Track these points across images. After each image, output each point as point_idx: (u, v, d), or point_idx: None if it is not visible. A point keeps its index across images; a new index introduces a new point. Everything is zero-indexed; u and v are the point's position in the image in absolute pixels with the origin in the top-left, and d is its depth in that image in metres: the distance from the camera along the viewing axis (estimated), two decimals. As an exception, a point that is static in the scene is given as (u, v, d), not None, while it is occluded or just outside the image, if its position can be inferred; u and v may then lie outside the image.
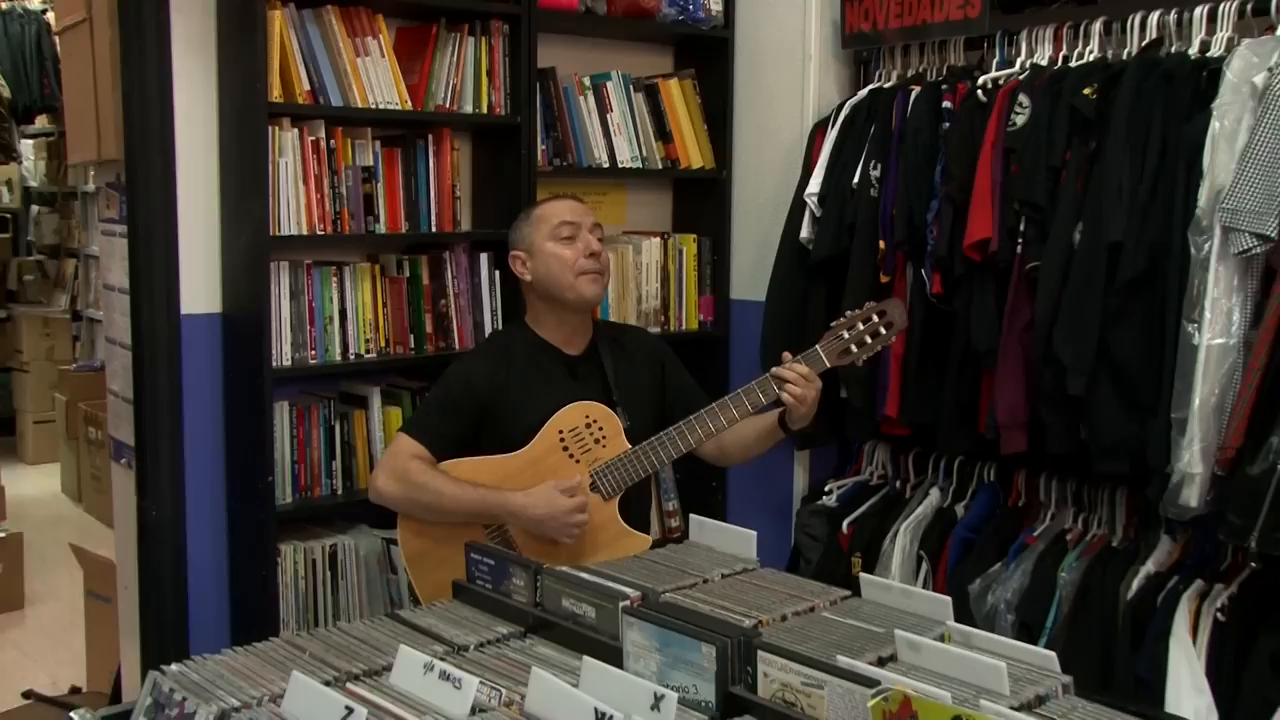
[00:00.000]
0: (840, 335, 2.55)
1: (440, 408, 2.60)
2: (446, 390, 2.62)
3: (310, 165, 2.97)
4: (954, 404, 2.90)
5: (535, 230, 2.67)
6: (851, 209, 3.09)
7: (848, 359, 2.55)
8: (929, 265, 2.90)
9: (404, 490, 2.54)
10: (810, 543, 3.28)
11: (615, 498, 2.57)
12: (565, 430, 2.56)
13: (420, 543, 2.60)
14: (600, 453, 2.57)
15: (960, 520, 3.00)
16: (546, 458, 2.55)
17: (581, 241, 2.62)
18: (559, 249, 2.62)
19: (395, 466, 2.55)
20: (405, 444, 2.57)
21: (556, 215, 2.64)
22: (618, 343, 2.76)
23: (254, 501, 2.97)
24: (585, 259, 2.61)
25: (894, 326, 2.57)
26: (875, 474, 3.31)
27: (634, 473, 2.57)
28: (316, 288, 3.02)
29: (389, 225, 3.12)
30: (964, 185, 2.82)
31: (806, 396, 2.51)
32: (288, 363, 2.96)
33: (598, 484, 2.56)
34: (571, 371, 2.67)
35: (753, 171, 3.66)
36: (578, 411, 2.58)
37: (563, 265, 2.62)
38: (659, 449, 2.56)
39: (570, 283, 2.61)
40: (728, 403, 2.54)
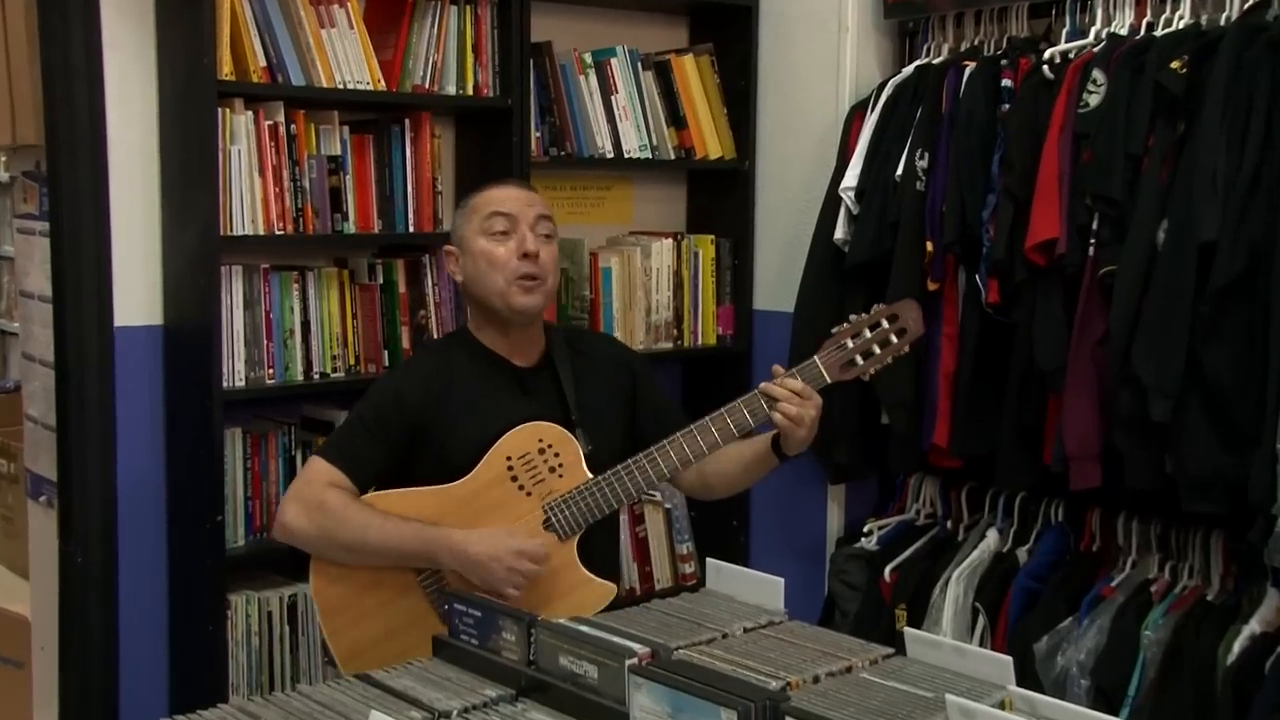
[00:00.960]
0: (843, 344, 2.49)
1: (364, 428, 2.52)
2: (372, 407, 2.54)
3: (267, 154, 2.94)
4: (1014, 431, 2.89)
5: (466, 222, 2.60)
6: (894, 205, 3.09)
7: (852, 372, 2.50)
8: (985, 270, 2.90)
9: (318, 526, 2.43)
10: (847, 592, 3.29)
11: (573, 538, 2.50)
12: (514, 457, 2.49)
13: (338, 592, 2.50)
14: (555, 484, 2.50)
15: (1023, 567, 2.99)
16: (491, 490, 2.49)
17: (516, 238, 2.54)
18: (488, 246, 2.55)
19: (307, 496, 2.45)
20: (320, 470, 2.48)
21: (488, 204, 2.57)
22: (578, 351, 2.70)
23: (200, 545, 2.95)
24: (518, 260, 2.54)
25: (908, 333, 2.50)
26: (922, 512, 3.32)
27: (595, 508, 2.50)
28: (275, 296, 3.01)
29: (359, 224, 3.11)
30: (1026, 177, 2.81)
31: (803, 417, 2.44)
32: (241, 383, 2.95)
33: (553, 521, 2.50)
34: (522, 386, 2.60)
35: (780, 162, 3.66)
36: (529, 434, 2.51)
37: (491, 266, 2.55)
38: (625, 480, 2.49)
39: (499, 288, 2.54)
40: (708, 424, 2.47)
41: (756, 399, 2.47)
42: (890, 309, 2.51)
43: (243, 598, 3.00)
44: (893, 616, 3.11)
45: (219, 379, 2.87)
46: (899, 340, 2.51)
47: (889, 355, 2.51)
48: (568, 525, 2.50)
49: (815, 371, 2.49)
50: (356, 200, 3.10)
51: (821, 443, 3.23)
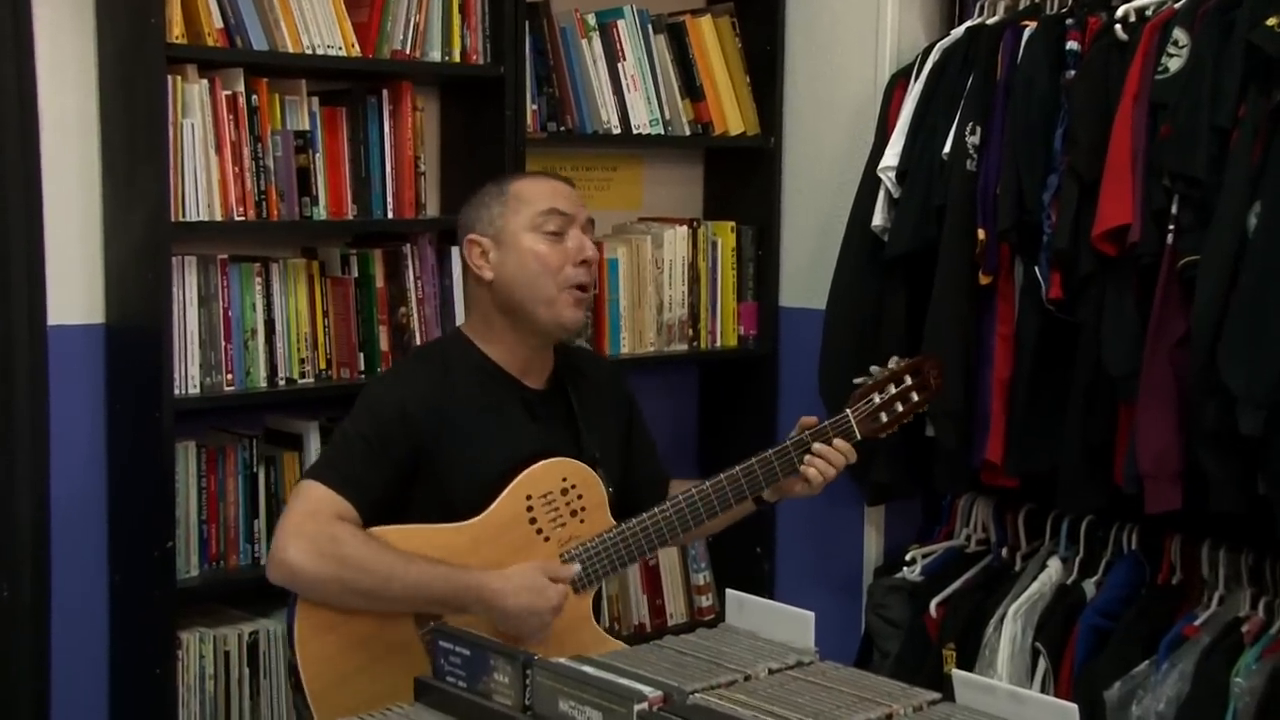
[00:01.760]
0: (870, 399, 2.63)
1: (364, 446, 2.45)
2: (372, 421, 2.47)
3: (224, 129, 2.94)
4: (1080, 446, 2.88)
5: (511, 212, 2.56)
6: (941, 187, 3.09)
7: (877, 430, 2.64)
8: (1045, 262, 2.89)
9: (333, 569, 2.36)
10: (887, 629, 3.28)
11: (590, 592, 2.54)
12: (535, 495, 2.49)
13: (324, 644, 2.42)
14: (576, 529, 2.52)
15: (1090, 602, 2.98)
16: (507, 531, 2.48)
17: (573, 241, 2.54)
18: (541, 245, 2.53)
19: (315, 533, 2.37)
20: (322, 499, 2.40)
21: (544, 198, 2.56)
22: (581, 374, 2.70)
23: (146, 575, 2.94)
24: (574, 267, 2.53)
25: (929, 390, 2.67)
26: (973, 538, 3.32)
27: (618, 560, 2.53)
28: (234, 291, 3.00)
29: (330, 209, 3.11)
30: (1094, 154, 2.80)
31: (834, 479, 2.61)
32: (195, 389, 2.95)
33: (574, 579, 2.53)
34: (531, 412, 2.58)
35: (810, 139, 3.65)
36: (552, 471, 2.51)
37: (544, 268, 2.52)
38: (651, 531, 2.53)
39: (550, 295, 2.52)
40: (738, 475, 2.57)
41: (788, 452, 2.59)
42: (912, 363, 2.66)
43: (195, 636, 2.99)
44: (939, 657, 3.09)
45: (170, 385, 2.87)
46: (919, 398, 2.66)
47: (909, 415, 2.66)
48: (586, 579, 2.52)
49: (848, 427, 2.61)
50: (327, 182, 3.10)
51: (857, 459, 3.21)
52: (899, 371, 2.63)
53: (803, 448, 2.56)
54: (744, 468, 2.56)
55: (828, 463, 2.56)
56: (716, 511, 2.55)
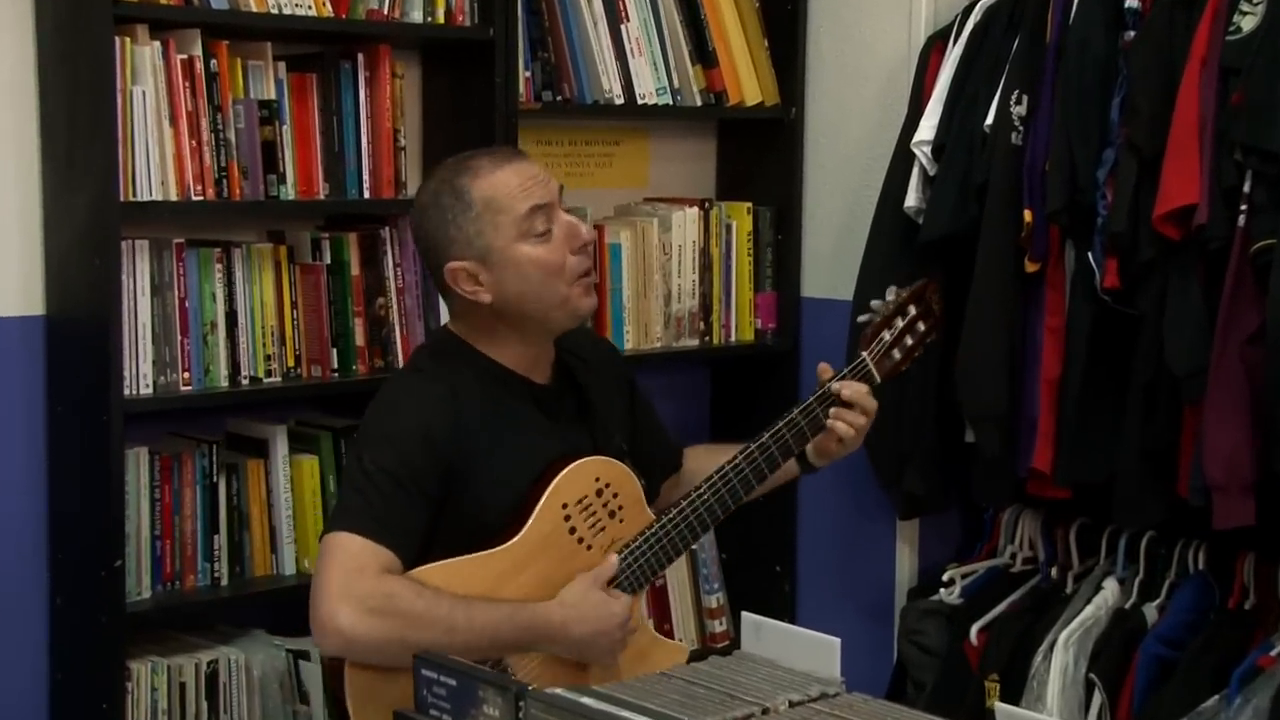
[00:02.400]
0: (881, 337, 2.65)
1: (395, 485, 2.41)
2: (397, 454, 2.43)
3: (180, 98, 2.92)
4: (1139, 454, 2.89)
5: (490, 227, 2.49)
6: (983, 163, 3.09)
7: (892, 368, 2.66)
8: (1100, 247, 2.89)
9: (392, 631, 2.33)
10: (922, 657, 3.28)
11: (640, 594, 2.56)
12: (572, 503, 2.50)
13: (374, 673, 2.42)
14: (616, 530, 2.54)
15: (1152, 629, 2.98)
16: (549, 548, 2.49)
17: (561, 229, 2.52)
18: (540, 253, 2.49)
19: (364, 593, 2.34)
20: (362, 553, 2.37)
21: (519, 198, 2.49)
22: (579, 358, 2.70)
23: (92, 598, 2.92)
24: (575, 256, 2.52)
25: (932, 316, 2.69)
26: (1019, 556, 3.31)
27: (665, 555, 2.56)
28: (191, 279, 2.99)
29: (300, 188, 3.11)
30: (1156, 125, 2.79)
31: (864, 429, 2.61)
32: (147, 389, 2.94)
33: (620, 578, 2.54)
34: (545, 411, 2.58)
35: (835, 109, 3.65)
36: (584, 473, 2.51)
37: (551, 275, 2.50)
38: (692, 518, 2.56)
39: (561, 296, 2.51)
40: (768, 442, 2.57)
41: (813, 408, 2.58)
42: (913, 291, 2.67)
43: (147, 665, 2.97)
44: (981, 689, 3.09)
45: (118, 385, 2.86)
46: (925, 326, 2.67)
47: (919, 346, 2.67)
48: (634, 580, 2.53)
49: (866, 372, 2.63)
50: (296, 157, 3.10)
51: (888, 467, 3.20)
52: (901, 302, 2.65)
53: (827, 400, 2.58)
54: (773, 433, 2.56)
55: (857, 411, 2.57)
56: (753, 485, 2.58)
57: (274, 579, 3.09)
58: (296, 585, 3.04)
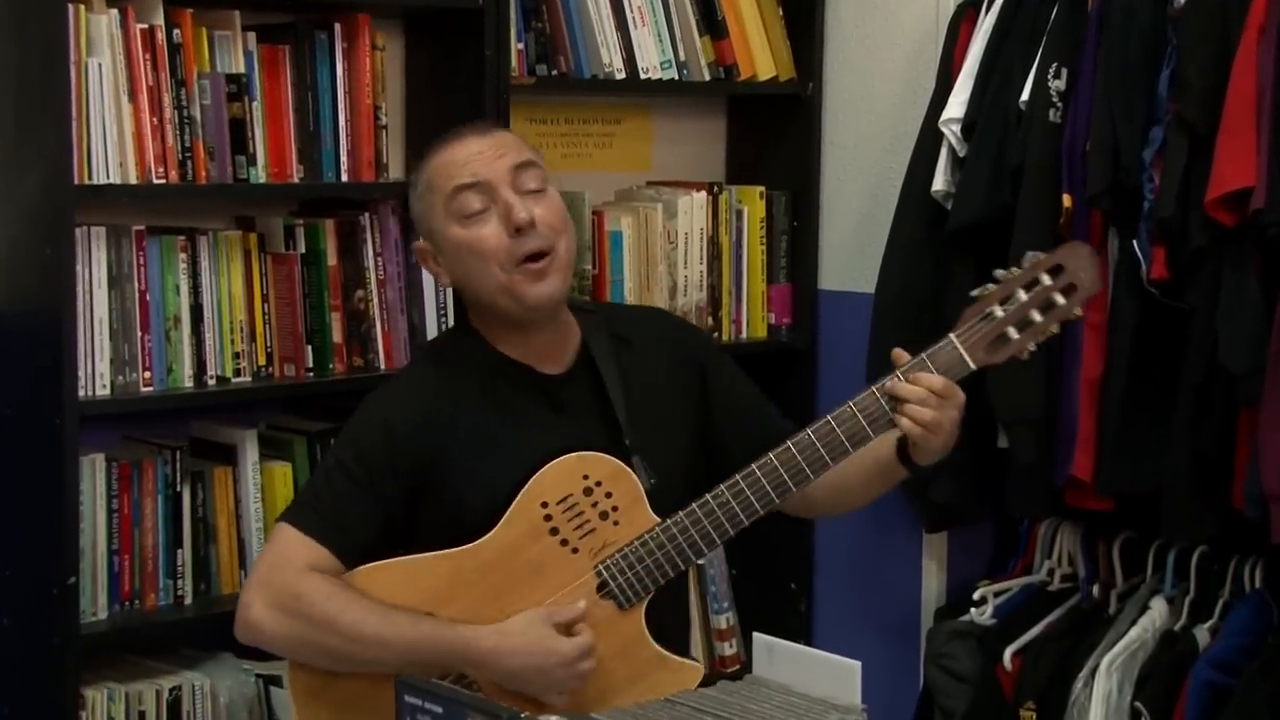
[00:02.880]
0: (989, 313, 2.46)
1: (346, 480, 2.55)
2: (355, 450, 2.57)
3: (140, 71, 2.91)
4: (1189, 461, 2.89)
5: (429, 207, 2.63)
6: (1018, 143, 3.09)
7: (1004, 351, 2.46)
8: (1147, 234, 2.89)
9: (295, 628, 2.48)
10: (950, 683, 3.27)
11: (640, 605, 2.54)
12: (553, 501, 2.53)
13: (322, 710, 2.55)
14: (610, 534, 2.53)
15: (1204, 653, 2.97)
16: (525, 548, 2.53)
17: (498, 210, 2.57)
18: (466, 233, 2.58)
19: (278, 585, 2.49)
20: (292, 547, 2.52)
21: (446, 176, 2.60)
22: (623, 341, 2.73)
23: (43, 618, 2.90)
24: (511, 239, 2.55)
25: (1080, 290, 2.46)
26: (1057, 573, 3.31)
27: (667, 563, 2.53)
28: (153, 270, 2.98)
29: (271, 171, 3.11)
30: (1208, 100, 2.79)
31: (941, 422, 2.44)
32: (104, 390, 2.93)
33: (610, 586, 2.54)
34: (553, 402, 2.64)
35: (857, 84, 3.67)
36: (569, 469, 2.54)
37: (479, 259, 2.58)
38: (705, 522, 2.52)
39: (498, 283, 2.57)
40: (810, 438, 2.49)
41: (875, 399, 2.46)
42: (1053, 258, 2.47)
43: (103, 693, 2.96)
44: (1016, 718, 3.08)
45: (72, 385, 2.85)
46: (1067, 301, 2.45)
47: (1054, 323, 2.46)
48: (631, 590, 2.53)
49: (953, 355, 2.45)
50: (267, 137, 3.10)
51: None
52: (1031, 271, 2.44)
53: (890, 394, 2.44)
54: (819, 428, 2.48)
55: (923, 405, 2.41)
56: (790, 489, 2.49)
57: (243, 598, 3.07)
58: None
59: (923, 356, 2.45)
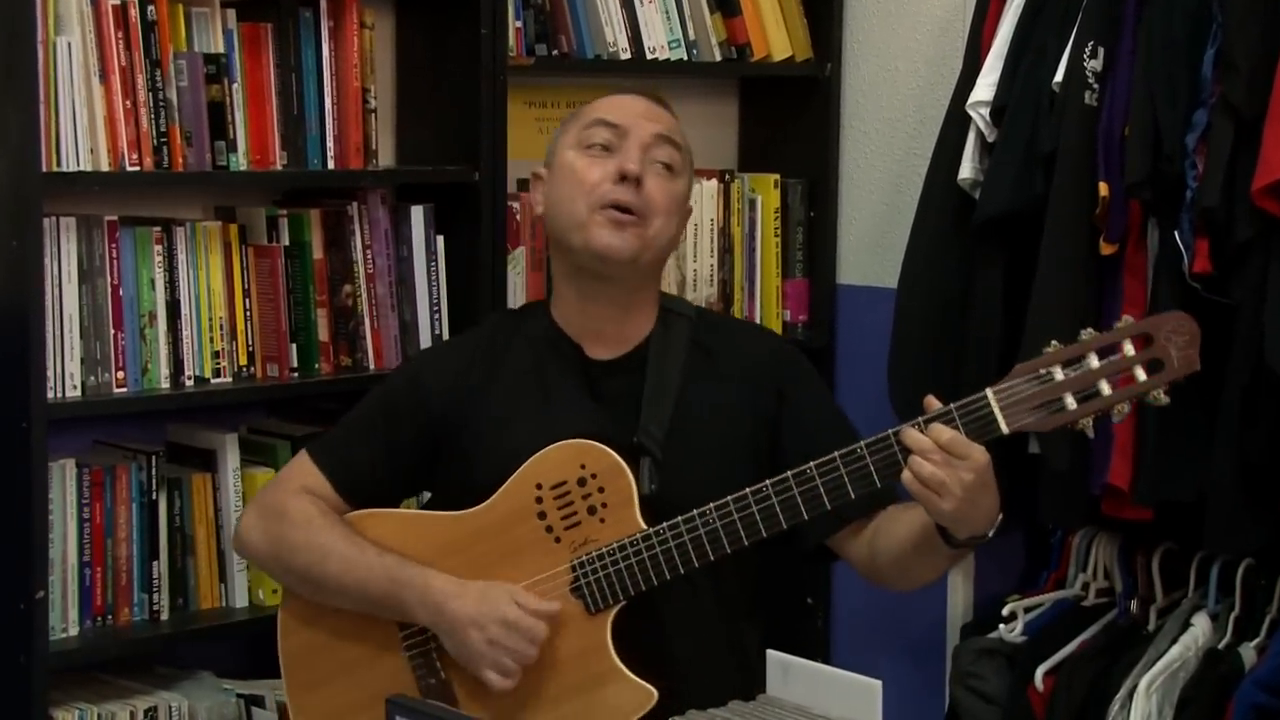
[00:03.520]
0: (1046, 374, 2.35)
1: (364, 421, 2.78)
2: (384, 392, 2.81)
3: (112, 51, 2.92)
4: (1234, 468, 2.88)
5: (563, 132, 2.80)
6: (1051, 128, 3.07)
7: (1056, 420, 2.35)
8: (1189, 225, 2.87)
9: (271, 542, 2.70)
10: (978, 704, 3.26)
11: (608, 613, 2.56)
12: (546, 485, 2.59)
13: (305, 639, 2.69)
14: (594, 530, 2.57)
15: (1250, 673, 2.96)
16: (511, 527, 2.60)
17: (618, 158, 2.67)
18: (581, 162, 2.70)
19: (270, 501, 2.74)
20: (298, 470, 2.75)
21: (595, 110, 2.76)
22: (702, 348, 2.76)
23: (9, 635, 2.90)
24: (613, 185, 2.64)
25: (1168, 369, 2.33)
26: (1092, 587, 3.30)
27: (640, 574, 2.54)
28: (126, 263, 3.00)
29: (253, 158, 3.12)
30: (1256, 82, 2.79)
31: (945, 482, 2.33)
32: (74, 391, 2.94)
33: (581, 585, 2.56)
34: (592, 387, 2.71)
35: (878, 65, 3.69)
36: (569, 454, 2.58)
37: (576, 187, 2.68)
38: (688, 540, 2.53)
39: (580, 218, 2.66)
40: (812, 475, 2.46)
41: (888, 443, 2.40)
42: (1144, 325, 2.37)
43: (74, 714, 2.97)
44: None
45: (41, 386, 2.86)
46: (1149, 378, 2.32)
47: (1124, 400, 2.33)
48: (600, 594, 2.55)
49: (985, 414, 2.36)
50: (248, 121, 3.11)
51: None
52: (1115, 335, 2.33)
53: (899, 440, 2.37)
54: (823, 464, 2.43)
55: (925, 458, 2.31)
56: (780, 524, 2.46)
57: (222, 612, 3.08)
58: (249, 620, 3.07)
59: (951, 408, 2.36)
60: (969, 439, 2.33)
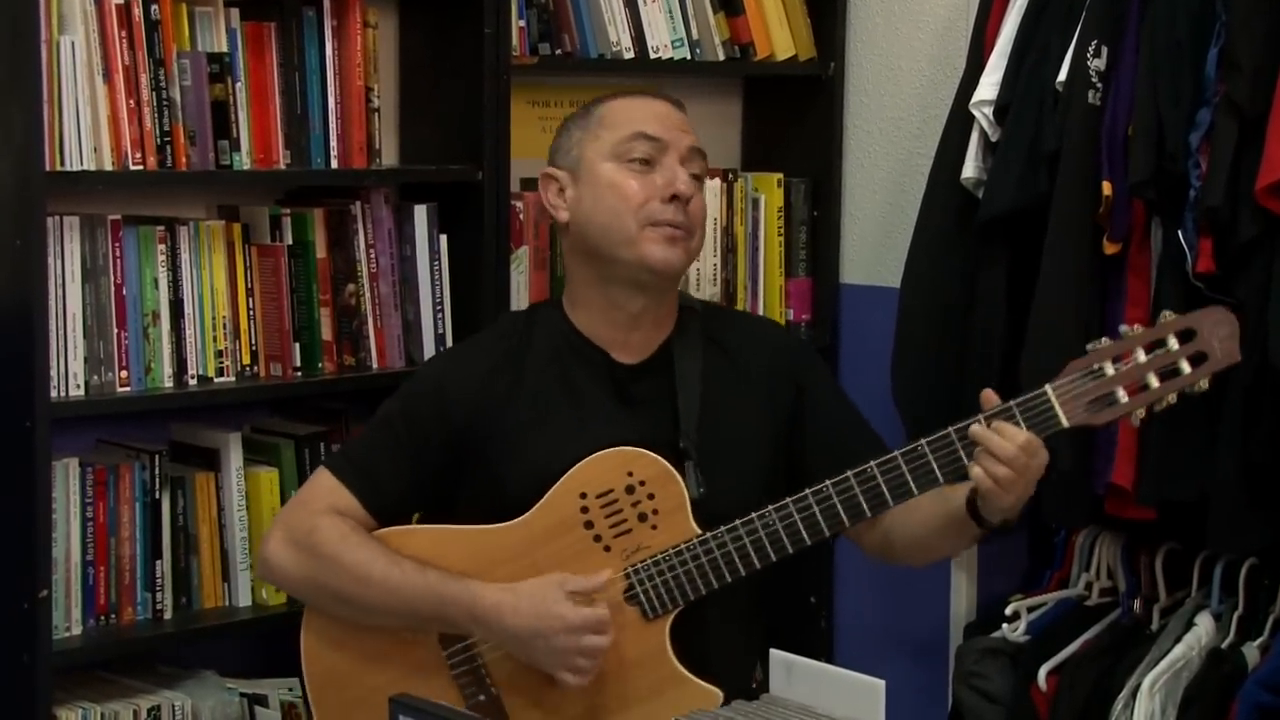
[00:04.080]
0: (1098, 370, 2.46)
1: (387, 433, 2.72)
2: (405, 403, 2.74)
3: (116, 50, 2.92)
4: (1238, 468, 2.87)
5: (591, 138, 2.73)
6: (1054, 127, 3.07)
7: (1108, 414, 2.47)
8: (1192, 224, 2.87)
9: (304, 565, 2.65)
10: (981, 704, 3.26)
11: (665, 618, 2.58)
12: (592, 494, 2.59)
13: (334, 661, 2.66)
14: (646, 538, 2.58)
15: (1254, 672, 2.95)
16: (556, 537, 2.60)
17: (663, 173, 2.68)
18: (622, 176, 2.68)
19: (296, 523, 2.67)
20: (322, 488, 2.70)
21: (630, 121, 2.71)
22: (717, 344, 2.79)
23: (12, 634, 2.90)
24: (662, 203, 2.66)
25: (1210, 360, 2.44)
26: (1096, 586, 3.30)
27: (700, 579, 2.57)
28: (130, 262, 3.00)
29: (256, 157, 3.12)
30: (1260, 81, 2.79)
31: (1017, 482, 2.44)
32: (78, 391, 2.94)
33: (637, 591, 2.58)
34: (622, 393, 2.71)
35: (881, 64, 3.68)
36: (615, 463, 2.59)
37: (623, 204, 2.67)
38: (747, 543, 2.56)
39: (629, 234, 2.65)
40: (874, 473, 2.52)
41: (950, 442, 2.48)
42: (1186, 320, 2.47)
43: (77, 713, 2.97)
44: None
45: (44, 386, 2.85)
46: (1194, 370, 2.44)
47: (1172, 392, 2.45)
48: (658, 601, 2.57)
49: (1046, 410, 2.46)
50: (251, 121, 3.10)
51: None
52: (1159, 330, 2.45)
53: (966, 439, 2.45)
54: (884, 462, 2.51)
55: (996, 459, 2.40)
56: (843, 524, 2.54)
57: (226, 612, 3.08)
58: (252, 619, 3.07)
59: (1012, 405, 2.45)
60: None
